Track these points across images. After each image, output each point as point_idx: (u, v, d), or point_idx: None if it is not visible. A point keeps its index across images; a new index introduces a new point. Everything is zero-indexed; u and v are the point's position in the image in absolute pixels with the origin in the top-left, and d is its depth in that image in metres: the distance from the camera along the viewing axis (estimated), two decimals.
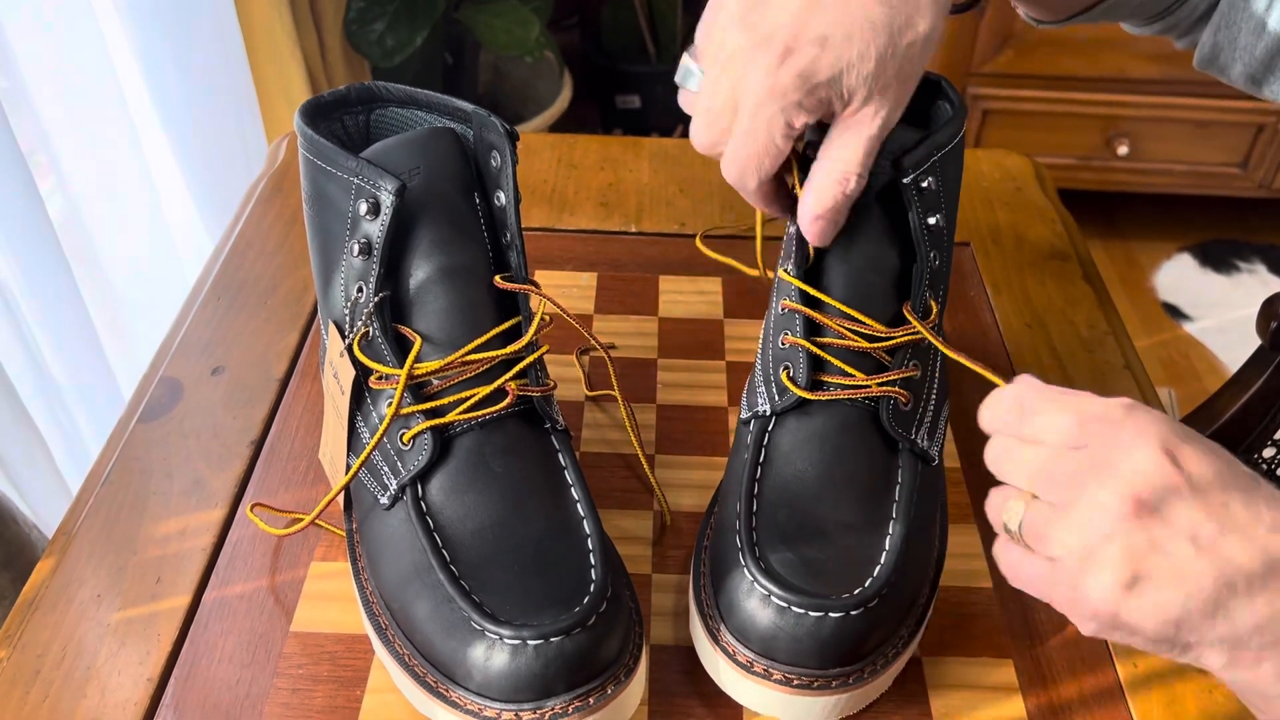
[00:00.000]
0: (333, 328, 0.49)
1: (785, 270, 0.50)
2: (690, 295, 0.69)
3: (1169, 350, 1.75)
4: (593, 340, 0.51)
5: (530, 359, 0.47)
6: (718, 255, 0.68)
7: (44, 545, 0.66)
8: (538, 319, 0.48)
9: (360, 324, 0.47)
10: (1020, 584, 0.37)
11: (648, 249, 0.73)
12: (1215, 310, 1.83)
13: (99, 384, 0.94)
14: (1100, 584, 0.34)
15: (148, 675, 0.47)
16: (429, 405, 0.46)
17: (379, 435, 0.45)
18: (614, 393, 0.56)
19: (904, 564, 0.44)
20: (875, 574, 0.43)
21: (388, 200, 0.46)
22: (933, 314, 0.49)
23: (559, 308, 0.48)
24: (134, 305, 1.01)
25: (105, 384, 0.95)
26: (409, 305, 0.47)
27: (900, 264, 0.49)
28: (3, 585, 0.68)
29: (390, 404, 0.45)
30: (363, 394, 0.47)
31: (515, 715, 0.40)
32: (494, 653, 0.40)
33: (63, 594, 0.50)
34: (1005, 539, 0.37)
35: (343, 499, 0.51)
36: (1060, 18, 0.55)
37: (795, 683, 0.42)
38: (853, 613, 0.41)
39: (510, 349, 0.47)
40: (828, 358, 0.48)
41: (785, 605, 0.41)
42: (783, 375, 0.48)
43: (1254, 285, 1.88)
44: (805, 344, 0.48)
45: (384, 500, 0.46)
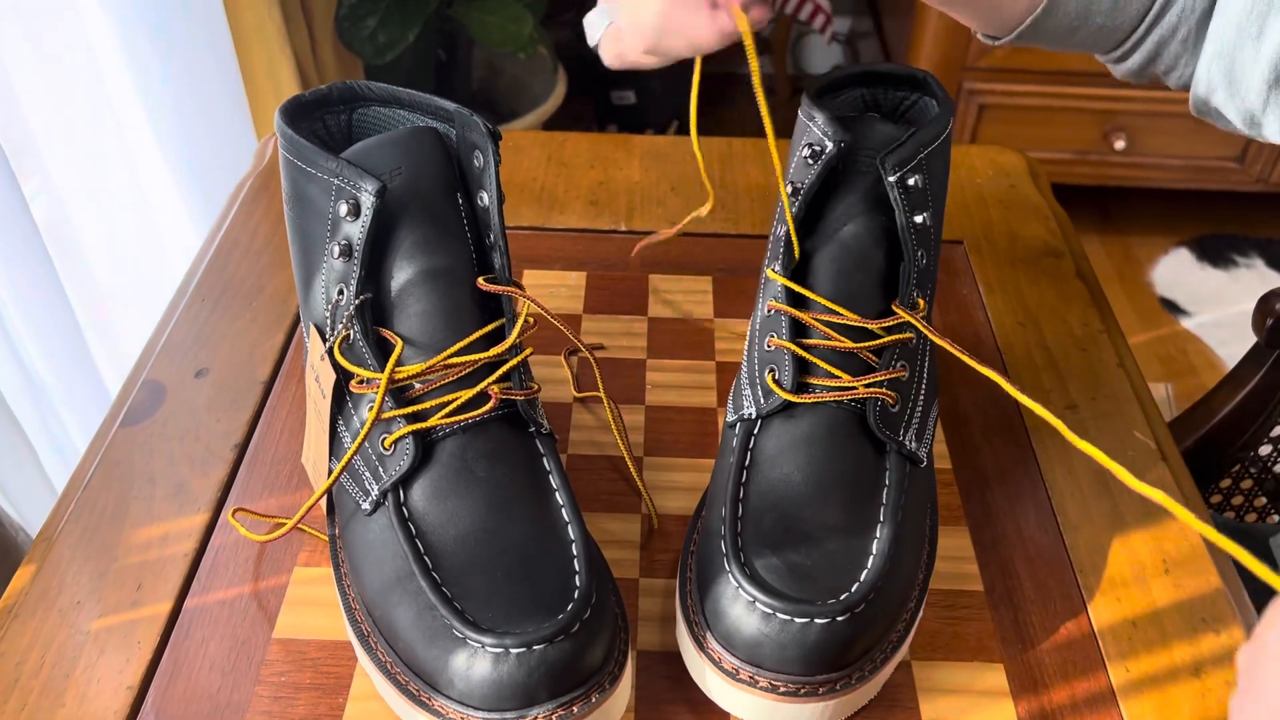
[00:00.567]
0: (314, 331, 0.48)
1: (772, 270, 0.50)
2: (680, 295, 0.68)
3: (1166, 346, 1.74)
4: (577, 343, 0.50)
5: (514, 362, 0.47)
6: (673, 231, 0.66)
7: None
8: (521, 321, 0.47)
9: (341, 327, 0.46)
10: None
11: (637, 248, 0.72)
12: (1213, 305, 1.82)
13: (85, 386, 0.93)
14: None
15: (127, 683, 0.46)
16: (411, 409, 0.45)
17: (360, 440, 0.44)
18: (600, 395, 0.55)
19: (892, 568, 0.43)
20: (862, 579, 0.42)
21: (368, 201, 0.45)
22: (920, 312, 0.49)
23: (543, 309, 0.47)
24: (121, 306, 1.00)
25: (92, 386, 0.95)
26: (391, 308, 0.47)
27: (887, 263, 0.49)
28: None
29: (371, 408, 0.45)
30: (344, 398, 0.47)
31: None
32: (476, 661, 0.40)
33: (42, 601, 0.49)
34: None
35: (325, 503, 0.50)
36: (1000, 34, 0.53)
37: (781, 690, 0.41)
38: (839, 618, 0.41)
39: (493, 352, 0.46)
40: (813, 360, 0.47)
41: (770, 611, 0.41)
42: (768, 378, 0.48)
43: (1252, 280, 1.87)
44: (790, 346, 0.47)
45: (366, 506, 0.45)
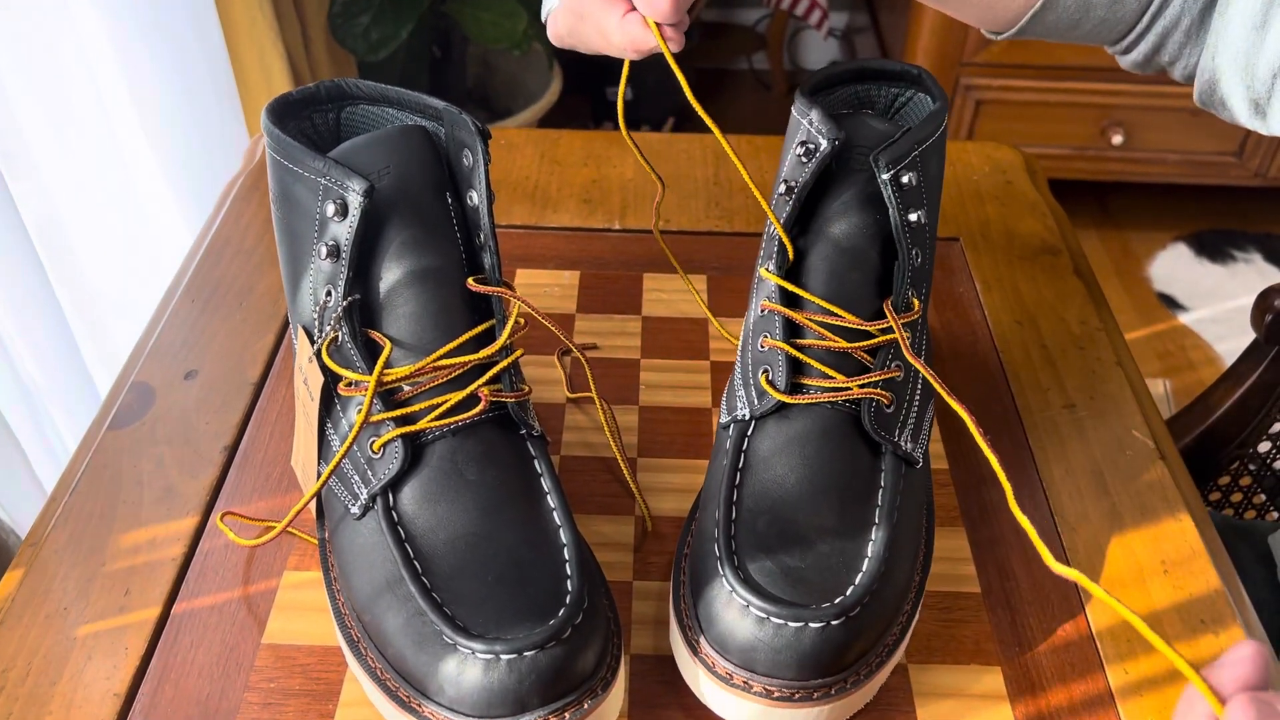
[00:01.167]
0: (301, 332, 0.48)
1: (765, 269, 0.49)
2: (674, 294, 0.68)
3: (1164, 341, 1.74)
4: (569, 343, 0.50)
5: (504, 364, 0.46)
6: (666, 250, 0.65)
7: None
8: (511, 322, 0.46)
9: (329, 328, 0.46)
10: None
11: (631, 246, 0.72)
12: (1211, 300, 1.82)
13: (76, 387, 0.93)
14: None
15: (115, 690, 0.46)
16: (400, 412, 0.45)
17: (348, 443, 0.44)
18: (593, 395, 0.54)
19: (887, 570, 0.43)
20: (857, 582, 0.42)
21: (356, 201, 0.45)
22: (915, 311, 0.48)
23: (533, 310, 0.46)
24: (111, 306, 0.99)
25: (83, 387, 0.94)
26: (379, 309, 0.46)
27: (882, 262, 0.48)
28: None
29: (360, 411, 0.44)
30: (332, 400, 0.46)
31: None
32: (466, 667, 0.39)
33: (28, 606, 0.49)
34: None
35: (315, 507, 0.50)
36: (1000, 30, 0.53)
37: (776, 695, 0.41)
38: (833, 622, 0.40)
39: (483, 353, 0.46)
40: (807, 360, 0.47)
41: (764, 616, 0.40)
42: (761, 379, 0.47)
43: (1250, 275, 1.87)
44: (784, 347, 0.47)
45: (355, 510, 0.45)
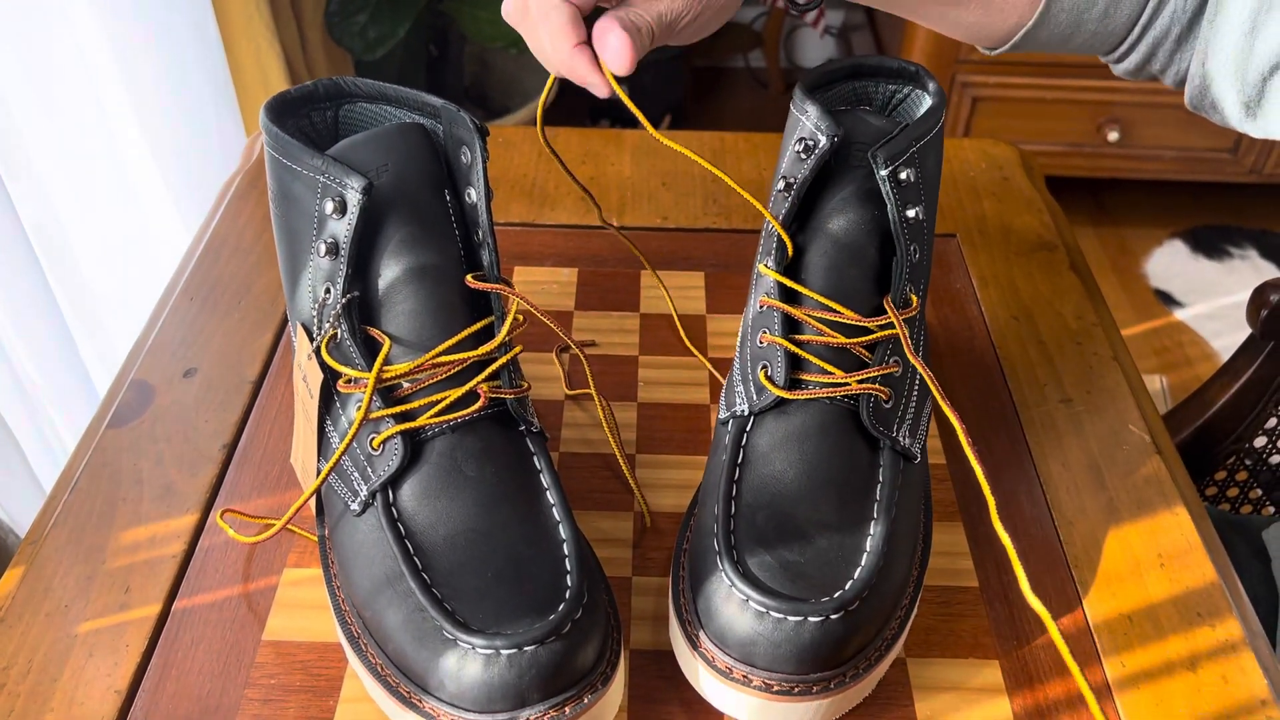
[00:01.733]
0: (300, 330, 0.48)
1: (764, 265, 0.49)
2: (672, 290, 0.68)
3: (1161, 337, 1.74)
4: (567, 340, 0.50)
5: (503, 360, 0.46)
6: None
7: None
8: (510, 319, 0.46)
9: (328, 326, 0.46)
10: None
11: (629, 244, 0.72)
12: (1207, 296, 1.82)
13: (74, 386, 0.93)
14: None
15: (115, 687, 0.46)
16: (399, 409, 0.45)
17: (348, 440, 0.44)
18: (591, 392, 0.55)
19: (886, 565, 0.43)
20: (856, 576, 0.42)
21: (355, 199, 0.45)
22: (913, 307, 0.48)
23: (531, 306, 0.47)
24: (110, 305, 0.99)
25: (81, 386, 0.94)
26: (378, 306, 0.46)
27: (880, 258, 0.48)
28: None
29: (359, 408, 0.44)
30: (332, 397, 0.46)
31: None
32: (467, 662, 0.39)
33: (29, 604, 0.49)
34: None
35: (314, 504, 0.50)
36: (993, 46, 0.53)
37: (775, 689, 0.41)
38: (833, 616, 0.40)
39: (482, 350, 0.46)
40: (806, 356, 0.47)
41: (764, 610, 0.40)
42: (760, 374, 0.47)
43: (1246, 271, 1.87)
44: (783, 343, 0.47)
45: (354, 506, 0.45)
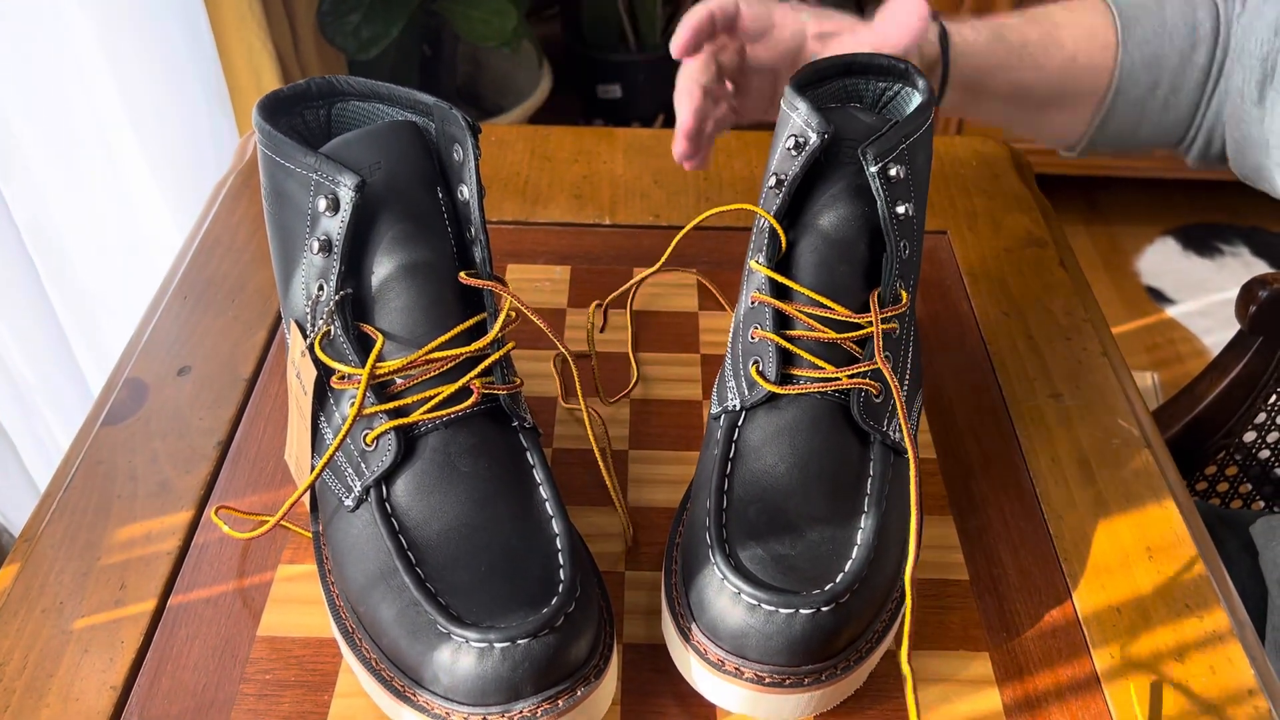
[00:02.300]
0: (294, 327, 0.48)
1: (755, 261, 0.49)
2: (665, 288, 0.68)
3: (1152, 334, 1.75)
4: (557, 343, 0.50)
5: (495, 356, 0.47)
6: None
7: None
8: (503, 315, 0.47)
9: (321, 323, 0.46)
10: None
11: (622, 241, 0.72)
12: (1198, 293, 1.83)
13: (68, 385, 0.93)
14: None
15: (111, 683, 0.46)
16: (392, 405, 0.45)
17: (341, 436, 0.44)
18: (580, 406, 0.54)
19: (876, 557, 0.43)
20: (846, 569, 0.42)
21: (347, 196, 0.45)
22: (903, 303, 0.49)
23: (523, 307, 0.47)
24: (103, 305, 0.99)
25: (74, 385, 0.94)
26: (371, 303, 0.47)
27: (870, 254, 0.49)
28: None
29: (353, 404, 0.45)
30: (325, 394, 0.47)
31: (483, 718, 0.40)
32: (460, 656, 0.39)
33: (24, 601, 0.49)
34: None
35: (308, 500, 0.50)
36: (1072, 146, 0.62)
37: (767, 681, 0.41)
38: (824, 609, 0.41)
39: (475, 346, 0.46)
40: (797, 351, 0.47)
41: (755, 603, 0.41)
42: (752, 369, 0.48)
43: (1237, 268, 1.88)
44: (774, 338, 0.47)
45: (348, 502, 0.45)
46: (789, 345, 0.47)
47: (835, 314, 0.47)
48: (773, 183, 0.49)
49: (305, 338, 0.47)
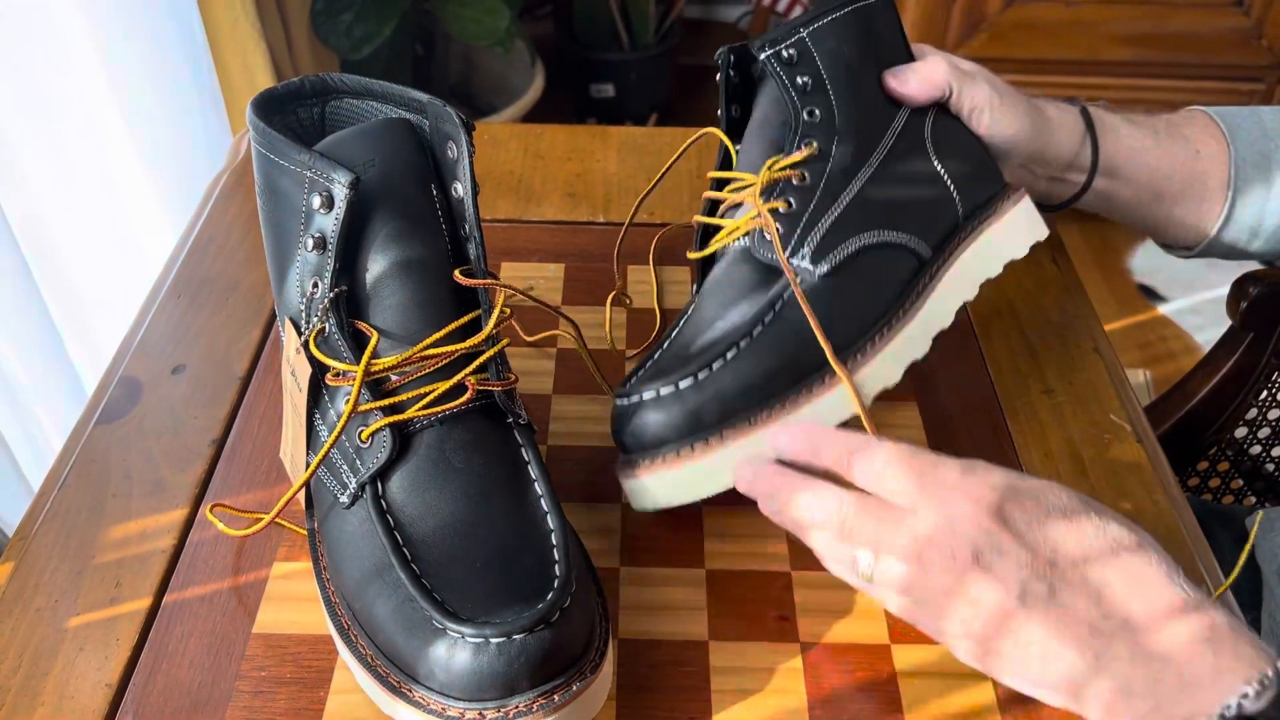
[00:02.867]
0: (289, 324, 0.48)
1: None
2: (658, 285, 0.68)
3: (1145, 332, 1.76)
4: (562, 316, 0.50)
5: (490, 352, 0.47)
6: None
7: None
8: (497, 312, 0.47)
9: (316, 320, 0.46)
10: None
11: (615, 239, 0.72)
12: (1190, 291, 1.84)
13: (61, 384, 0.93)
14: (961, 652, 0.41)
15: (106, 681, 0.46)
16: (387, 402, 0.45)
17: (336, 433, 0.44)
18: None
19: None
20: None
21: (342, 193, 0.45)
22: (803, 152, 0.54)
23: (518, 291, 0.47)
24: (97, 303, 0.99)
25: (68, 384, 0.94)
26: (366, 300, 0.47)
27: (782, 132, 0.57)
28: None
29: (348, 401, 0.45)
30: (320, 391, 0.47)
31: (479, 714, 0.40)
32: (456, 651, 0.40)
33: (19, 600, 0.49)
34: (856, 579, 0.43)
35: (303, 497, 0.50)
36: (1190, 245, 0.66)
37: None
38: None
39: (470, 343, 0.46)
40: (718, 221, 0.57)
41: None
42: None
43: (1228, 265, 1.89)
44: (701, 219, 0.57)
45: (344, 499, 0.45)
46: (710, 220, 0.57)
47: (744, 181, 0.55)
48: (720, 112, 0.60)
49: (300, 335, 0.47)
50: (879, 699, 0.46)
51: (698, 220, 0.58)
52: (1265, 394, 0.81)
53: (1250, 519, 0.72)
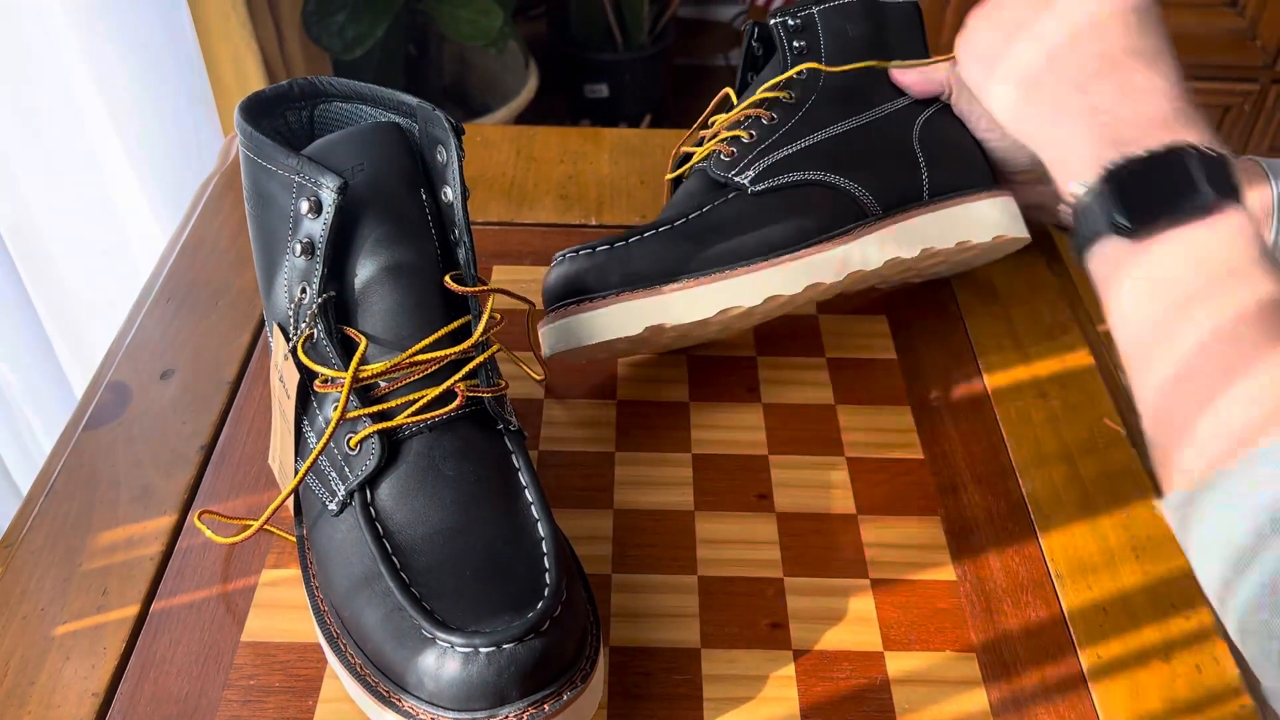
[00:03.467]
0: (277, 330, 0.48)
1: None
2: None
3: None
4: (520, 298, 0.51)
5: (480, 359, 0.46)
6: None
7: None
8: (486, 317, 0.47)
9: (304, 326, 0.46)
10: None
11: None
12: None
13: (50, 388, 0.92)
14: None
15: (93, 690, 0.45)
16: (376, 408, 0.45)
17: (325, 440, 0.44)
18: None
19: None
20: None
21: (330, 198, 0.45)
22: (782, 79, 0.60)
23: (508, 293, 0.47)
24: (86, 307, 0.99)
25: (57, 388, 0.93)
26: (354, 306, 0.46)
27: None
28: None
29: (336, 407, 0.44)
30: (308, 397, 0.46)
31: None
32: (445, 661, 0.39)
33: (4, 608, 0.49)
34: None
35: (292, 504, 0.50)
36: None
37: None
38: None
39: (459, 349, 0.46)
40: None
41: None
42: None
43: None
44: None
45: (332, 506, 0.45)
46: (687, 148, 0.62)
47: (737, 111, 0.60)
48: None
49: (288, 341, 0.47)
50: (872, 707, 0.46)
51: (678, 149, 0.63)
52: None
53: None
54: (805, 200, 0.57)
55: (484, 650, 0.39)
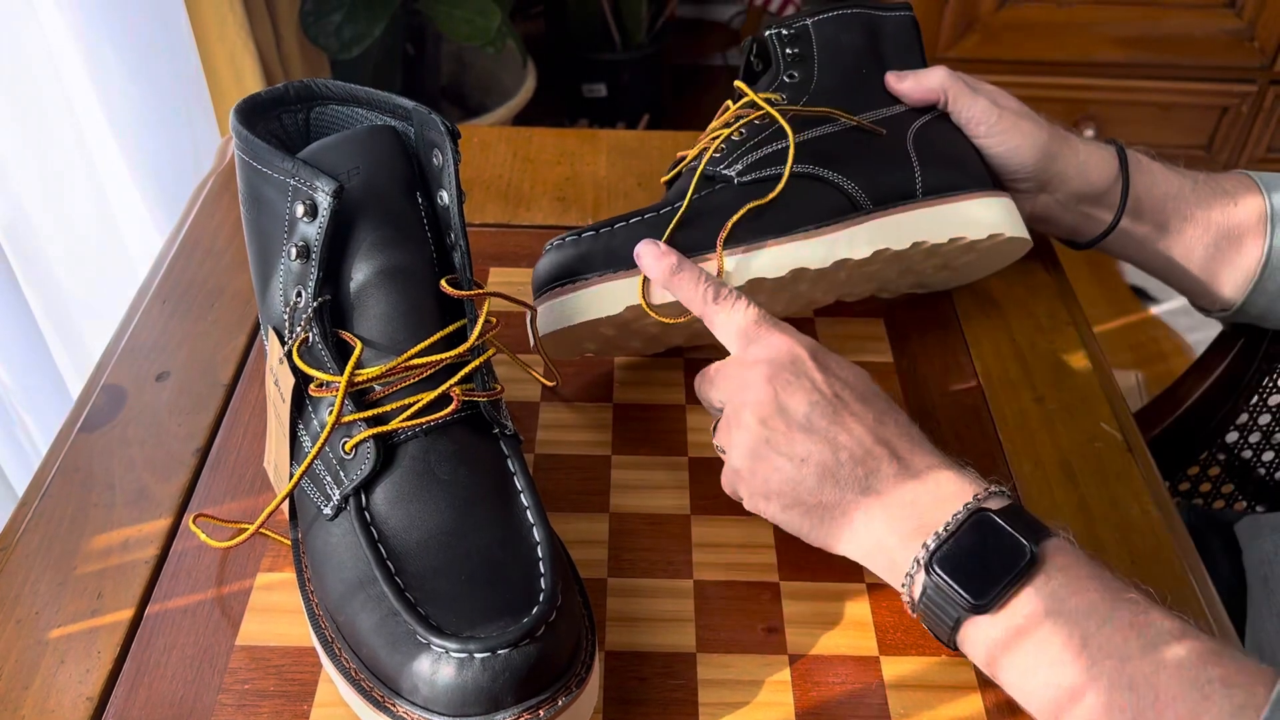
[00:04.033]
0: (272, 334, 0.48)
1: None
2: None
3: (1136, 333, 1.76)
4: (521, 302, 0.51)
5: (476, 363, 0.46)
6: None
7: None
8: (482, 322, 0.46)
9: (299, 329, 0.46)
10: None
11: None
12: None
13: (46, 390, 0.92)
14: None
15: (87, 694, 0.45)
16: (371, 413, 0.45)
17: (320, 444, 0.44)
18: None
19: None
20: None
21: (325, 201, 0.45)
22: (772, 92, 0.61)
23: (504, 296, 0.47)
24: (82, 308, 0.98)
25: (53, 390, 0.93)
26: (350, 309, 0.46)
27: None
28: None
29: (331, 411, 0.44)
30: (303, 401, 0.46)
31: None
32: (440, 666, 0.39)
33: None
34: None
35: (287, 508, 0.49)
36: (1225, 308, 0.65)
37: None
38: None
39: (455, 353, 0.46)
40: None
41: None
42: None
43: None
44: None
45: (327, 510, 0.45)
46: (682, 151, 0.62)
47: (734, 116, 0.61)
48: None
49: (283, 344, 0.47)
50: (867, 711, 0.46)
51: (679, 155, 0.63)
52: (1256, 399, 0.81)
53: (1239, 525, 0.72)
54: (793, 191, 0.57)
55: (479, 655, 0.39)
